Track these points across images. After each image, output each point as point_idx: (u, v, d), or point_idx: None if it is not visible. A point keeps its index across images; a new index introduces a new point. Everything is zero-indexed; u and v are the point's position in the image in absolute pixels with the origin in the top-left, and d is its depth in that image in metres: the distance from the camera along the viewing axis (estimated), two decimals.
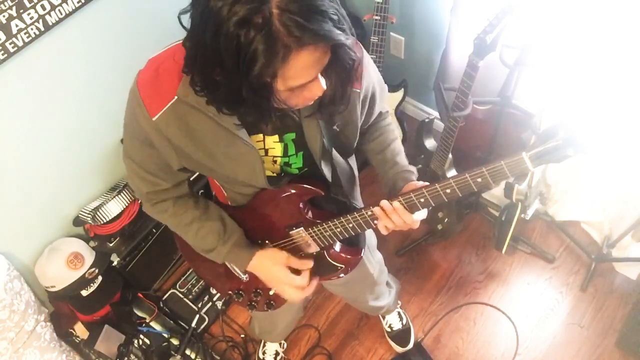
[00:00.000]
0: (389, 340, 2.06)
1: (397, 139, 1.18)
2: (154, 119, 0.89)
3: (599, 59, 1.73)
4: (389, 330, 2.05)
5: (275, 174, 1.05)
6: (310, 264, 1.13)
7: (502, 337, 2.04)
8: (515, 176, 0.86)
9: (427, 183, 0.93)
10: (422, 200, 0.92)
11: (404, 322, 2.05)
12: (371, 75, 1.02)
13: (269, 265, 1.12)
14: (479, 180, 0.85)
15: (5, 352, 1.75)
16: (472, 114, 1.90)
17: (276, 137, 0.98)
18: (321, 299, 2.21)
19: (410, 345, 2.02)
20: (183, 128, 0.90)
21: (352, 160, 1.22)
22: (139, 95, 0.89)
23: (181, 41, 0.78)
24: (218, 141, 0.92)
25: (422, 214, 0.99)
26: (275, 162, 1.02)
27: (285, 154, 1.01)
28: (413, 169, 1.11)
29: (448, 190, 0.88)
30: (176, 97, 0.87)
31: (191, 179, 1.13)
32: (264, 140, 0.98)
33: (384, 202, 0.95)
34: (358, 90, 0.97)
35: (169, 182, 1.05)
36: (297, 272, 1.13)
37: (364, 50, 0.99)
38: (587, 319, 2.03)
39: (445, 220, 2.09)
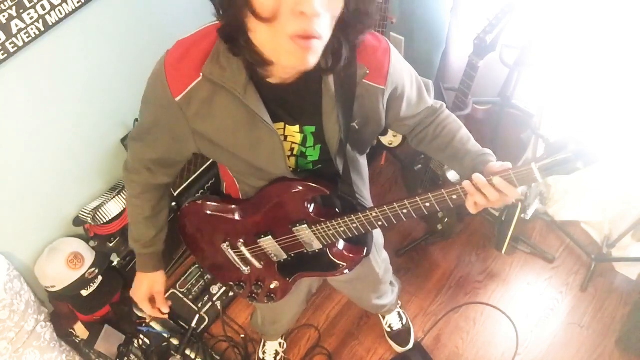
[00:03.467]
0: (389, 340, 2.06)
1: (463, 128, 1.11)
2: (177, 99, 0.89)
3: (599, 58, 1.73)
4: (389, 330, 2.05)
5: (290, 169, 1.04)
6: (165, 310, 1.31)
7: (502, 337, 2.04)
8: (522, 185, 0.87)
9: (509, 164, 0.90)
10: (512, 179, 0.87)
11: (404, 322, 2.05)
12: (398, 73, 0.99)
13: (147, 282, 1.26)
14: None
15: (5, 352, 1.75)
16: (472, 114, 1.90)
17: (297, 127, 0.97)
18: (321, 299, 2.21)
19: (410, 345, 2.02)
20: (205, 109, 0.90)
21: (364, 159, 1.20)
22: (164, 75, 0.88)
23: (213, 24, 0.78)
24: (240, 124, 0.92)
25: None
26: (292, 150, 1.01)
27: (303, 144, 1.01)
28: (489, 151, 1.03)
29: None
30: (201, 76, 0.87)
31: (197, 173, 1.16)
32: (284, 128, 0.97)
33: (476, 175, 0.88)
34: (382, 87, 0.96)
35: (166, 169, 1.09)
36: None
37: (395, 51, 0.97)
38: (587, 319, 2.03)
39: (445, 220, 2.09)
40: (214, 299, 2.19)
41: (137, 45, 1.89)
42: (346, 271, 1.19)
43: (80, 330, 2.09)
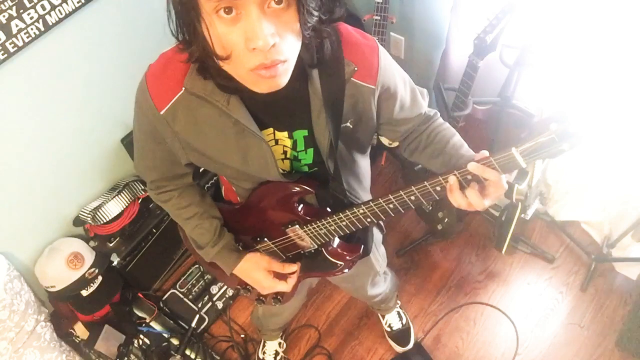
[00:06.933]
0: (389, 340, 2.06)
1: (457, 135, 1.08)
2: (161, 112, 0.89)
3: (599, 58, 1.73)
4: (388, 330, 2.05)
5: (285, 171, 1.04)
6: (293, 268, 1.16)
7: (502, 337, 2.04)
8: (507, 172, 0.83)
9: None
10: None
11: (404, 321, 2.05)
12: (389, 75, 0.97)
13: (251, 270, 1.15)
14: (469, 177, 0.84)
15: (5, 352, 1.76)
16: (472, 114, 1.90)
17: (285, 134, 0.96)
18: (321, 299, 2.21)
19: (410, 345, 2.02)
20: (191, 121, 0.90)
21: (364, 160, 1.18)
22: (147, 88, 0.88)
23: None
24: (227, 135, 0.91)
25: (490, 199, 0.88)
26: (285, 153, 1.01)
27: (294, 148, 1.00)
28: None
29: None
30: (183, 89, 0.87)
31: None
32: (274, 134, 0.96)
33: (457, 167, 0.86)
34: (372, 87, 0.94)
35: (174, 173, 1.06)
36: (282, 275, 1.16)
37: (384, 50, 0.96)
38: (587, 319, 2.03)
39: (445, 220, 2.09)
40: (214, 299, 2.19)
41: (137, 45, 1.89)
42: (346, 270, 1.19)
43: (80, 330, 2.08)
